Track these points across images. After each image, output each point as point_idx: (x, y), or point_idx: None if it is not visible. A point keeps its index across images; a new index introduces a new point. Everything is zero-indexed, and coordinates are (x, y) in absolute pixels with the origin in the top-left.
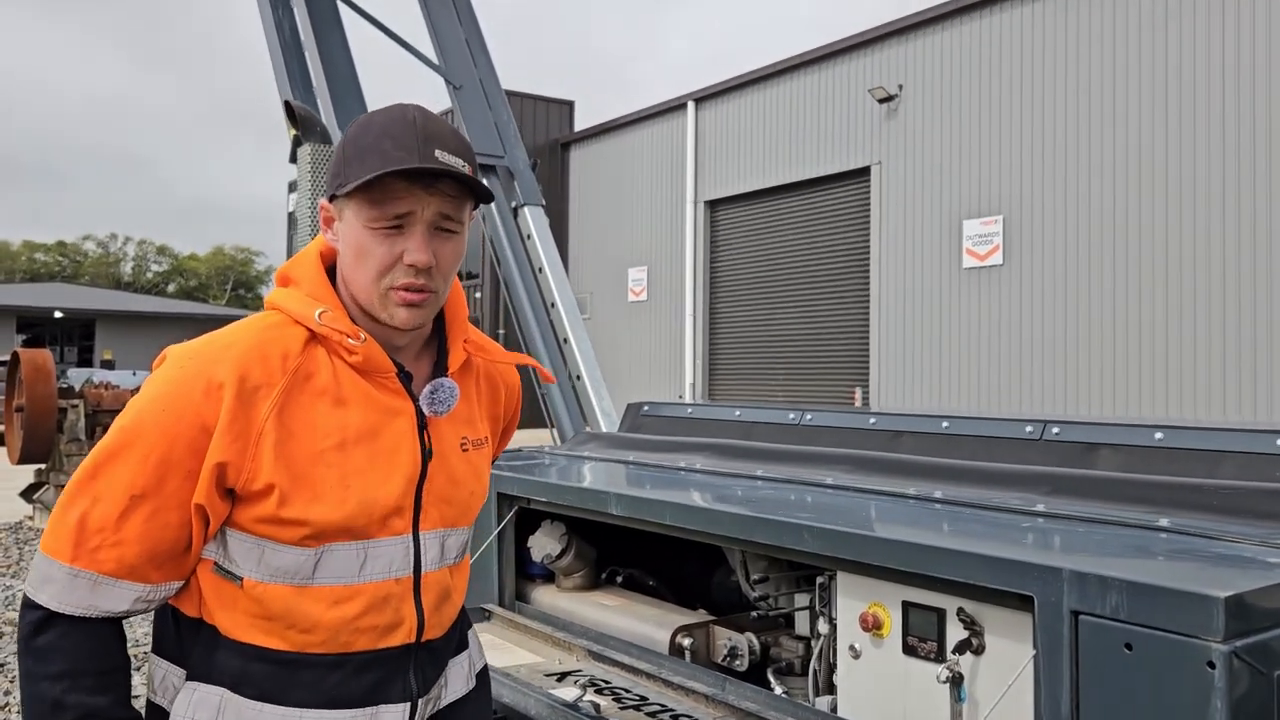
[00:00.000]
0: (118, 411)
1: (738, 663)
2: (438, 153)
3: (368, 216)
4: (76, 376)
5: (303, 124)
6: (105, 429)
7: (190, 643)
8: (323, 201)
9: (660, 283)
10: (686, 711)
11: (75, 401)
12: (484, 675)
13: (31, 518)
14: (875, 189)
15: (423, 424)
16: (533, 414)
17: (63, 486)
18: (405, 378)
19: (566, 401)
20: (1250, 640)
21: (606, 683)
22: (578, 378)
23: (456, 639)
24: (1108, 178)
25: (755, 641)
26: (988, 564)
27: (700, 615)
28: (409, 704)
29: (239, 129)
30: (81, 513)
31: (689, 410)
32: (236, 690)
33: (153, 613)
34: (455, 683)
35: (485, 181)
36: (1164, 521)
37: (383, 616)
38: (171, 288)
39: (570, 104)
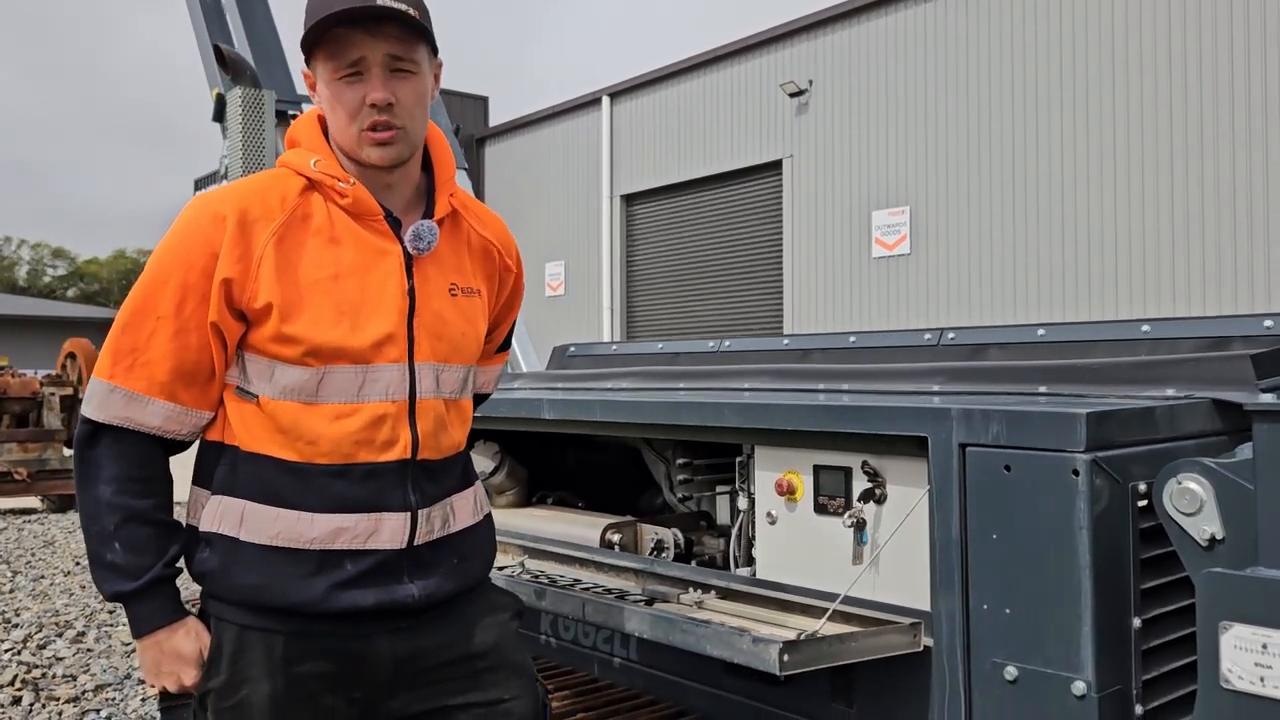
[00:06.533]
0: (24, 399)
1: (664, 555)
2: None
3: (331, 69)
4: None
5: (233, 68)
6: (12, 416)
7: (212, 464)
8: (304, 70)
9: (578, 277)
10: (618, 587)
11: None
12: (489, 517)
13: None
14: (788, 181)
15: (410, 264)
16: None
17: None
18: (394, 222)
19: None
20: (1109, 453)
21: (542, 572)
22: None
23: (459, 473)
24: (1009, 168)
25: (680, 536)
26: (888, 414)
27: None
28: (409, 513)
29: (132, 139)
30: (118, 337)
31: (614, 348)
32: (256, 499)
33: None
34: (463, 513)
35: None
36: (1042, 389)
37: (379, 433)
38: (72, 292)
39: (484, 100)
